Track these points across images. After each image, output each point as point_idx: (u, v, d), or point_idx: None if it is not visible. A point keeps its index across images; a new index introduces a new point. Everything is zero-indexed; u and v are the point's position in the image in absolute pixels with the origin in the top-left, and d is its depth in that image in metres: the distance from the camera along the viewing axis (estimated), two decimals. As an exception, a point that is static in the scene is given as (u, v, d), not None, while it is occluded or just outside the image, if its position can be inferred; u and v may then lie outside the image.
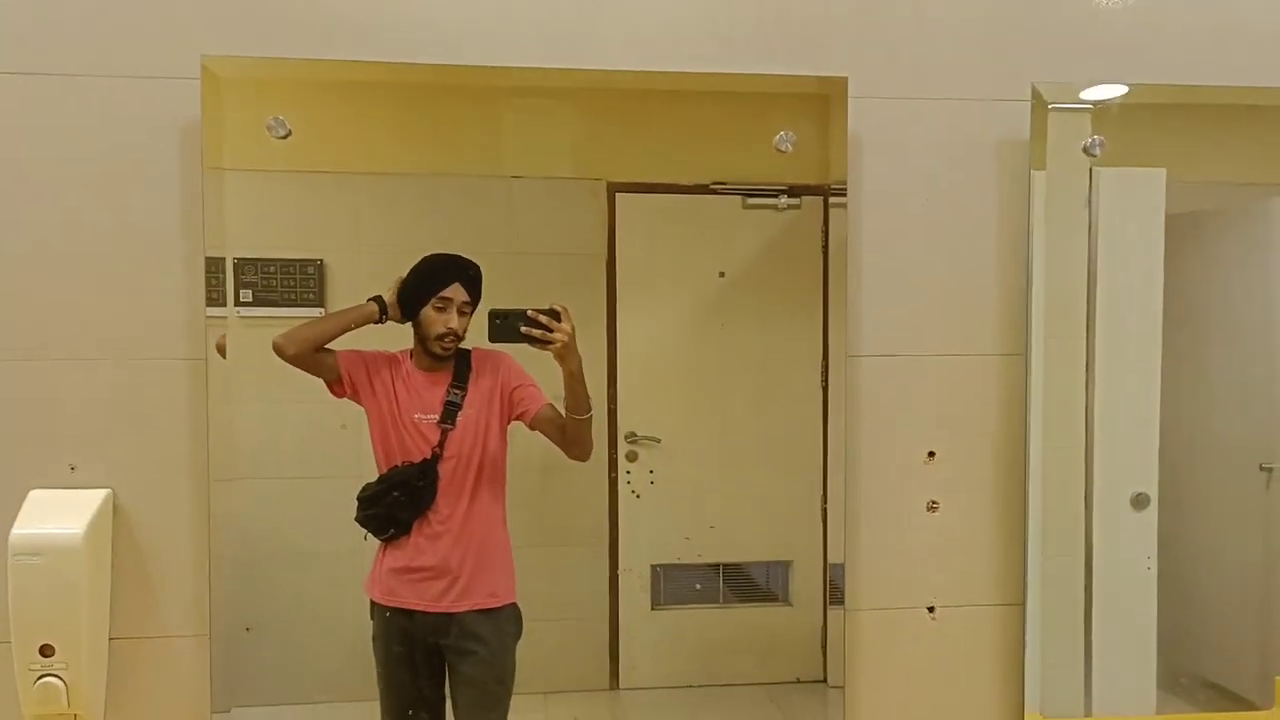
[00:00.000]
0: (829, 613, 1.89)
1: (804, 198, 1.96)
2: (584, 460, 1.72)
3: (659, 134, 2.20)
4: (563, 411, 1.61)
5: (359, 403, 1.71)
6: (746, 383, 2.24)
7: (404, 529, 1.61)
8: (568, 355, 1.54)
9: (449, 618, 1.63)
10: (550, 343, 1.52)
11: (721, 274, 2.32)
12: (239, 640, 2.00)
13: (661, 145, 2.21)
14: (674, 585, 2.28)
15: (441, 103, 2.17)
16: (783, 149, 1.66)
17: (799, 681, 1.88)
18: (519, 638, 1.70)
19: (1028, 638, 1.65)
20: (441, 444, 1.60)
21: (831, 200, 1.74)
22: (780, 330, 2.21)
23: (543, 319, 1.51)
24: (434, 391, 1.63)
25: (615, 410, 1.94)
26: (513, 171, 2.26)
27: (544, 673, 1.91)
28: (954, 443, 1.72)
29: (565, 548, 1.99)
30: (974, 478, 1.72)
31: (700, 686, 2.21)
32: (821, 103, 1.82)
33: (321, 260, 2.17)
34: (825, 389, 1.95)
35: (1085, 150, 1.56)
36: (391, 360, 1.66)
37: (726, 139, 2.10)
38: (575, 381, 1.57)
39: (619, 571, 2.17)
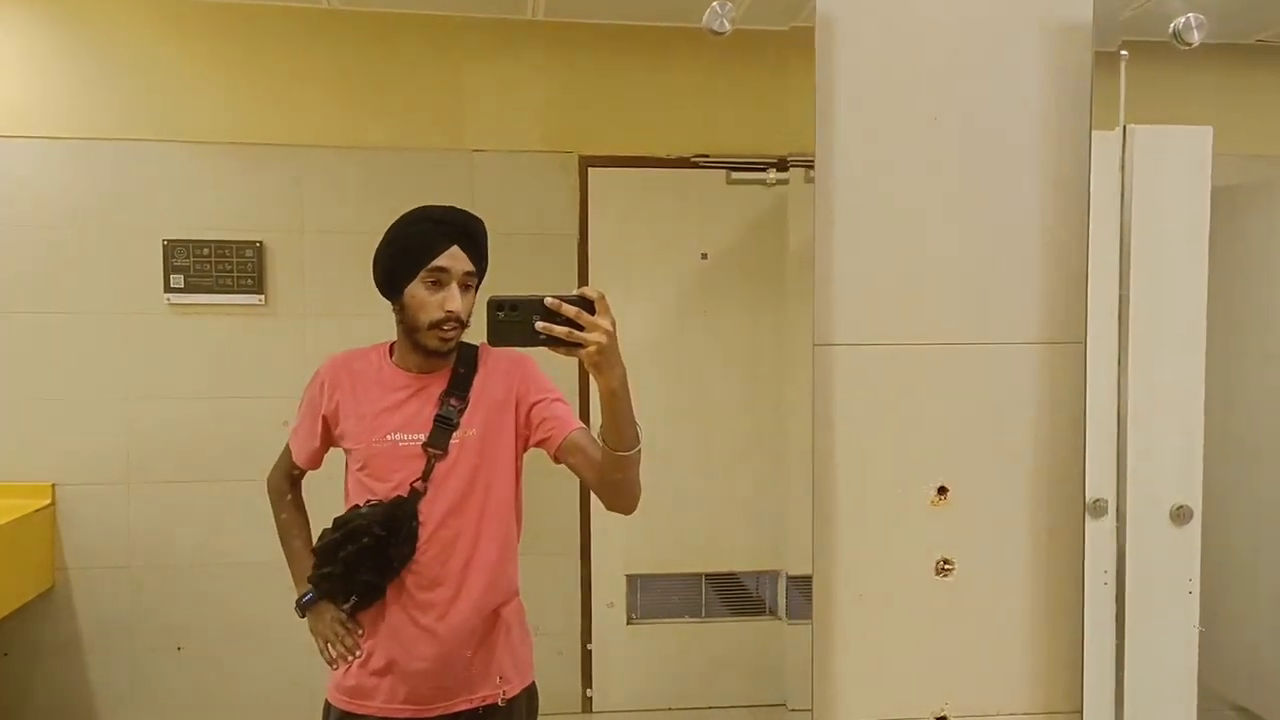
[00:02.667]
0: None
1: (792, 169, 1.77)
2: (627, 513, 1.18)
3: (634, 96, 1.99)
4: (600, 442, 1.11)
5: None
6: (732, 375, 2.11)
7: (371, 595, 1.16)
8: (606, 364, 0.99)
9: None
10: (580, 345, 0.97)
11: (704, 256, 2.21)
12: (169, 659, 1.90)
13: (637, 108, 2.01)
14: (652, 597, 2.13)
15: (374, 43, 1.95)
16: (717, 29, 0.98)
17: (789, 708, 1.70)
18: None
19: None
20: (426, 476, 1.15)
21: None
22: (769, 318, 2.07)
23: (569, 310, 0.98)
24: (420, 402, 1.17)
25: (588, 406, 1.79)
26: (474, 145, 2.23)
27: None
28: (974, 473, 1.18)
29: (533, 556, 1.77)
30: (1004, 524, 1.21)
31: (680, 709, 2.08)
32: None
33: (260, 242, 2.06)
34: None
35: (1176, 35, 1.00)
36: (364, 358, 1.21)
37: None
38: (617, 403, 1.04)
39: (593, 584, 2.01)
